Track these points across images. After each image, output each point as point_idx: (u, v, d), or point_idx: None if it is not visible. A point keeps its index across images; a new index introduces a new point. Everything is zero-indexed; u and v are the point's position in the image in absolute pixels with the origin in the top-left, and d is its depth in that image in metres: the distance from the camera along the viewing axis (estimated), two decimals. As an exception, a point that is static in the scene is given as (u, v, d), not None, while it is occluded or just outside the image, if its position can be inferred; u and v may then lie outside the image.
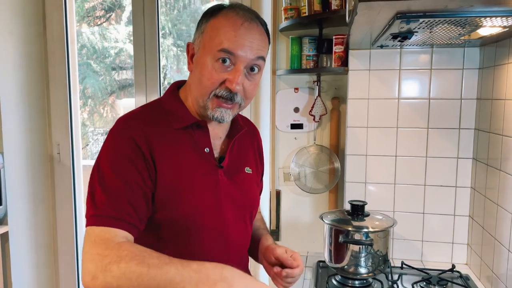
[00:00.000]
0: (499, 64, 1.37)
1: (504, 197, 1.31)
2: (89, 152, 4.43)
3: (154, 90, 2.26)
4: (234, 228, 1.06)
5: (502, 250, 1.31)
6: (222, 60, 0.94)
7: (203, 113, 1.02)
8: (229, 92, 0.96)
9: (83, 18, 3.67)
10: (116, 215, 0.88)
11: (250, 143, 1.19)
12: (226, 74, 0.95)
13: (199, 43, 0.99)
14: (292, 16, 1.84)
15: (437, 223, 1.65)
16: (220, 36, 0.95)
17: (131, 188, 0.91)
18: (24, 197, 2.19)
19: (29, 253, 2.24)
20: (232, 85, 0.95)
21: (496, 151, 1.38)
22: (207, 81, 0.96)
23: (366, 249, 1.37)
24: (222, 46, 0.94)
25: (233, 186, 1.06)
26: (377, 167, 1.68)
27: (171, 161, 0.97)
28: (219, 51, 0.94)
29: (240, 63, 0.95)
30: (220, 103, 0.97)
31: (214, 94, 0.97)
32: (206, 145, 1.03)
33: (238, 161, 1.11)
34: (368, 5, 0.92)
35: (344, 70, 1.71)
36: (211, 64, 0.95)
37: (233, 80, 0.95)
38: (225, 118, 0.99)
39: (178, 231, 0.98)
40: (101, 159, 0.94)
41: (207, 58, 0.96)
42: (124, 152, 0.93)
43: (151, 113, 1.02)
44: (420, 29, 1.14)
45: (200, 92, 0.99)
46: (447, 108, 1.60)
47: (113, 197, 0.90)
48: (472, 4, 0.90)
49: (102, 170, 0.92)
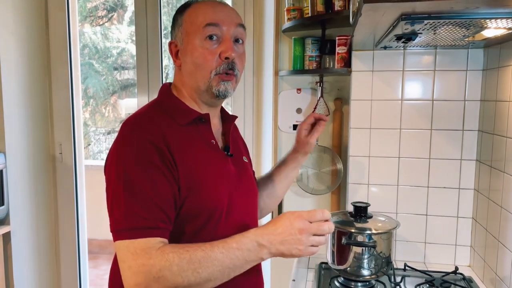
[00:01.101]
0: (503, 65, 1.36)
1: (507, 199, 1.31)
2: (91, 152, 4.43)
3: (156, 90, 2.23)
4: (247, 214, 1.10)
5: (505, 253, 1.31)
6: (209, 37, 1.00)
7: (205, 100, 1.06)
8: (227, 63, 1.01)
9: (85, 18, 3.67)
10: (151, 225, 0.89)
11: (236, 133, 1.23)
12: (218, 48, 1.01)
13: (181, 35, 1.04)
14: (295, 17, 1.83)
15: (440, 225, 1.64)
16: (199, 16, 1.01)
17: (160, 193, 0.91)
18: (26, 197, 2.19)
19: (31, 253, 2.24)
20: (228, 52, 1.00)
21: (500, 153, 1.37)
22: (203, 61, 1.00)
23: (369, 251, 1.37)
24: (206, 21, 1.00)
25: (242, 174, 1.11)
26: (380, 169, 1.67)
27: (188, 156, 0.98)
28: (204, 27, 1.00)
29: (227, 33, 1.01)
30: (222, 77, 1.02)
31: (215, 73, 1.01)
32: (211, 137, 1.06)
33: (237, 151, 1.15)
34: (373, 6, 0.91)
35: (347, 71, 1.70)
36: (201, 44, 1.00)
37: (227, 48, 1.00)
38: (228, 91, 1.04)
39: (202, 223, 0.99)
40: (124, 168, 0.92)
41: (194, 41, 1.01)
42: (147, 158, 0.92)
43: (157, 113, 1.03)
44: (425, 31, 1.14)
45: (200, 75, 1.02)
46: (450, 109, 1.59)
47: (145, 207, 0.89)
48: (477, 6, 0.89)
49: (128, 179, 0.91)
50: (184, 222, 0.97)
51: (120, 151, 0.95)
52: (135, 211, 0.88)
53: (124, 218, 0.89)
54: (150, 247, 0.86)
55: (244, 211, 1.10)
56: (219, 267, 0.85)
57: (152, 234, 0.88)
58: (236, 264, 0.87)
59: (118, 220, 0.90)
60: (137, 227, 0.88)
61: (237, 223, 1.05)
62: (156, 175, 0.91)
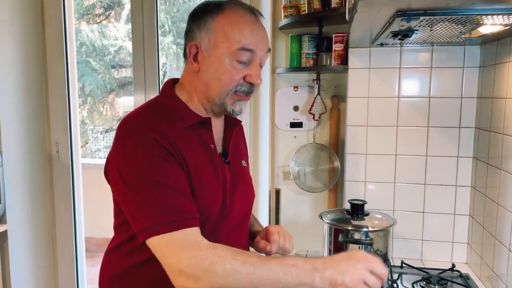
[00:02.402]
0: (500, 62, 1.36)
1: (504, 196, 1.30)
2: (88, 150, 4.42)
3: (153, 88, 2.25)
4: (241, 221, 1.08)
5: (502, 249, 1.31)
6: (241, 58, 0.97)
7: (216, 110, 1.04)
8: (250, 86, 1.00)
9: (82, 16, 3.66)
10: (189, 216, 0.88)
11: (240, 136, 1.21)
12: (245, 70, 0.99)
13: (208, 42, 0.98)
14: (291, 14, 1.83)
15: (437, 222, 1.64)
16: (236, 34, 0.96)
17: (183, 185, 0.92)
18: (23, 195, 2.19)
19: (28, 251, 2.24)
20: (257, 81, 0.99)
21: (496, 150, 1.37)
22: (228, 80, 0.98)
23: (366, 249, 1.37)
24: (242, 44, 0.96)
25: (238, 180, 1.08)
26: (377, 166, 1.67)
27: (188, 159, 0.96)
28: (239, 50, 0.96)
29: (257, 58, 1.00)
30: (240, 97, 1.01)
31: (233, 92, 0.99)
32: (211, 142, 1.04)
33: (237, 155, 1.13)
34: (368, 2, 0.91)
35: (344, 69, 1.70)
36: (230, 63, 0.97)
37: (256, 75, 0.99)
38: (243, 111, 1.03)
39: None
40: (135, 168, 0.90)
41: (223, 57, 0.97)
42: (157, 154, 0.91)
43: (157, 113, 1.00)
44: (421, 27, 1.13)
45: (219, 91, 0.99)
46: (447, 106, 1.59)
47: (173, 200, 0.89)
48: (473, 2, 0.89)
49: (145, 178, 0.89)
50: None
51: (126, 151, 0.92)
52: (166, 206, 0.87)
53: (154, 216, 0.86)
54: (196, 240, 0.85)
55: (243, 217, 1.08)
56: (272, 278, 0.82)
57: (189, 224, 0.87)
58: (288, 280, 0.82)
59: (149, 216, 0.87)
60: (176, 220, 0.86)
61: (231, 231, 1.03)
62: (170, 169, 0.91)
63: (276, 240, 1.09)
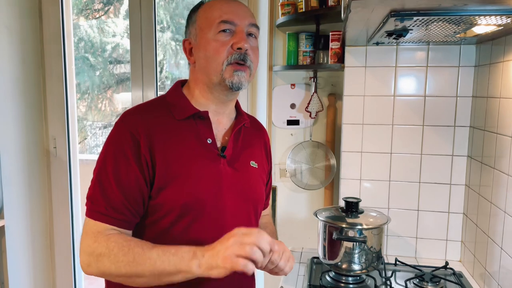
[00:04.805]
0: (495, 62, 1.37)
1: (497, 195, 1.31)
2: (87, 146, 4.43)
3: (150, 85, 2.25)
4: (234, 219, 1.07)
5: (495, 248, 1.32)
6: (222, 31, 1.01)
7: (217, 95, 1.06)
8: (239, 53, 1.01)
9: (81, 11, 3.65)
10: (109, 213, 0.96)
11: (257, 139, 1.21)
12: (231, 40, 1.01)
13: (195, 31, 1.05)
14: (289, 12, 1.83)
15: (431, 220, 1.65)
16: (214, 12, 1.02)
17: (124, 185, 0.97)
18: (21, 191, 2.20)
19: (25, 246, 2.25)
20: (241, 43, 1.00)
21: (490, 149, 1.38)
22: (215, 53, 1.01)
23: (360, 246, 1.38)
24: (221, 18, 1.01)
25: (237, 177, 1.08)
26: (372, 164, 1.68)
27: (172, 150, 1.00)
28: (218, 23, 1.01)
29: (239, 28, 1.02)
30: (235, 67, 1.02)
31: (227, 63, 1.01)
32: (208, 136, 1.06)
33: (243, 153, 1.12)
34: (361, 3, 0.92)
35: (341, 67, 1.71)
36: (214, 37, 1.01)
37: (239, 39, 1.01)
38: (242, 83, 1.03)
39: (177, 219, 1.00)
40: (102, 154, 1.00)
41: (208, 35, 1.02)
42: (122, 148, 0.97)
43: (155, 106, 1.07)
44: (415, 27, 1.14)
45: (212, 68, 1.02)
46: (442, 105, 1.60)
47: (107, 196, 0.96)
48: (465, 3, 0.90)
49: (101, 165, 0.98)
50: (161, 214, 1.00)
51: (107, 139, 1.01)
52: (99, 198, 0.96)
53: (90, 199, 0.98)
54: (100, 232, 0.94)
55: (234, 215, 1.06)
56: (150, 267, 0.88)
57: (107, 221, 0.95)
58: (166, 268, 0.87)
59: (88, 195, 0.99)
60: (96, 210, 0.96)
61: (220, 226, 1.02)
62: (124, 166, 0.97)
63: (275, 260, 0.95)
